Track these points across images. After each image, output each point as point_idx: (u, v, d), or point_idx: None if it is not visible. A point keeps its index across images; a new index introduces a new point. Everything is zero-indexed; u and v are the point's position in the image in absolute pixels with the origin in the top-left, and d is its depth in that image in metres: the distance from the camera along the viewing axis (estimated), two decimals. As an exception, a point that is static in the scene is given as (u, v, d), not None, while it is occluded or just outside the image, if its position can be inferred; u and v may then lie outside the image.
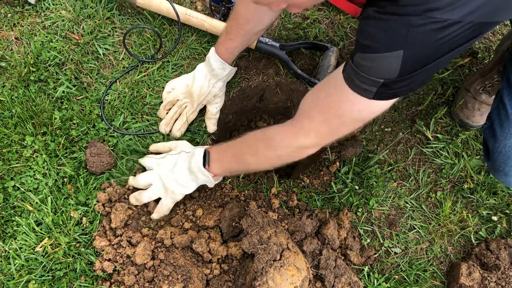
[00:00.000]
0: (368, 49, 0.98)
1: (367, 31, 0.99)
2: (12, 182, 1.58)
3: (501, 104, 1.34)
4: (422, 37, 0.89)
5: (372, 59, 0.98)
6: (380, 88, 1.01)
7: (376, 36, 0.96)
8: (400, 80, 0.98)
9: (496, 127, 1.35)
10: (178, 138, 1.69)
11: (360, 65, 1.01)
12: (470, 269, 1.57)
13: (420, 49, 0.91)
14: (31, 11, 1.85)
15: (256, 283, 1.32)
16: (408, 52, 0.92)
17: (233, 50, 1.63)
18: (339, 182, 1.72)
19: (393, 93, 1.04)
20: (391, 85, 0.99)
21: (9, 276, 1.46)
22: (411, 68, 0.96)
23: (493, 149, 1.37)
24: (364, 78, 1.01)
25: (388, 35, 0.92)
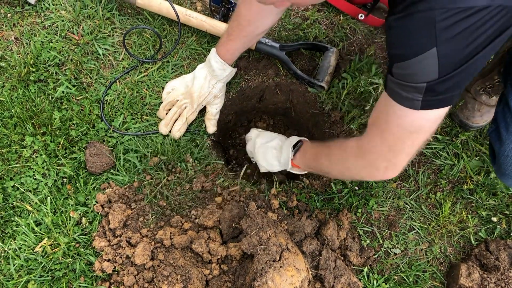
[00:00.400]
0: (402, 57, 0.97)
1: (394, 40, 0.98)
2: (12, 182, 1.58)
3: (506, 108, 1.33)
4: (450, 30, 0.86)
5: (409, 65, 0.96)
6: (426, 95, 0.98)
7: (405, 42, 0.94)
8: (442, 81, 0.94)
9: (502, 131, 1.34)
10: (177, 139, 1.69)
11: (400, 75, 1.00)
12: (469, 270, 1.57)
13: (453, 42, 0.88)
14: (31, 11, 1.85)
15: (256, 283, 1.32)
16: (441, 48, 0.89)
17: (234, 52, 1.63)
18: (338, 182, 1.71)
19: (440, 99, 1.00)
20: (435, 88, 0.96)
21: (8, 276, 1.46)
22: (449, 66, 0.93)
23: (499, 153, 1.36)
24: (408, 86, 0.99)
25: (417, 37, 0.91)
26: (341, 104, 1.80)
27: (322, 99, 1.83)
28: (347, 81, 1.80)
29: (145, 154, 1.66)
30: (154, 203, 1.61)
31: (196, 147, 1.71)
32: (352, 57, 1.89)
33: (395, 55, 0.99)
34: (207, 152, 1.71)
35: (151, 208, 1.59)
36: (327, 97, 1.82)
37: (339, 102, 1.80)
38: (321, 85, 1.79)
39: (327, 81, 1.80)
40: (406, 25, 0.91)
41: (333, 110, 1.82)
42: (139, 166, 1.64)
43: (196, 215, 1.60)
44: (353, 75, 1.82)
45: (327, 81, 1.81)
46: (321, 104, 1.84)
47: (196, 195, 1.64)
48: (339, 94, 1.80)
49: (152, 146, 1.67)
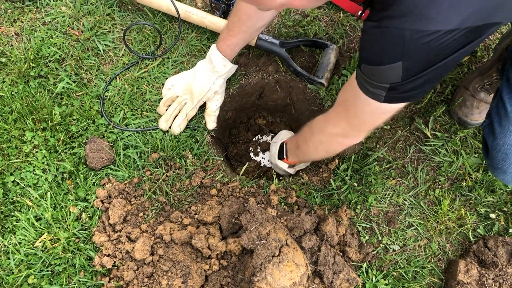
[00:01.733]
0: (370, 61, 1.03)
1: (366, 45, 1.04)
2: (12, 178, 1.58)
3: (501, 103, 1.34)
4: (418, 49, 0.91)
5: (376, 70, 1.02)
6: (389, 92, 1.05)
7: (375, 50, 1.00)
8: (405, 83, 1.00)
9: (495, 125, 1.35)
10: (177, 135, 1.69)
11: (366, 73, 1.06)
12: (468, 266, 1.58)
13: (418, 58, 0.94)
14: (31, 7, 1.85)
15: (255, 278, 1.33)
16: (406, 63, 0.95)
17: (234, 47, 1.64)
18: (338, 179, 1.72)
19: (402, 96, 1.07)
20: (399, 88, 1.03)
21: (8, 271, 1.47)
22: (413, 73, 0.98)
23: (492, 147, 1.37)
24: (372, 84, 1.07)
25: (386, 50, 0.96)
26: (341, 101, 1.80)
27: (322, 96, 1.83)
28: (347, 78, 1.80)
29: (145, 150, 1.66)
30: (154, 198, 1.61)
31: (195, 143, 1.71)
32: (351, 54, 1.89)
33: (365, 58, 1.05)
34: (207, 148, 1.71)
35: (150, 204, 1.60)
36: (327, 94, 1.83)
37: (339, 99, 1.81)
38: (321, 82, 1.80)
39: (327, 78, 1.81)
40: (379, 36, 0.96)
41: (332, 107, 1.83)
42: (138, 162, 1.64)
43: (195, 210, 1.61)
44: (352, 72, 1.82)
45: (327, 78, 1.81)
46: (321, 101, 1.84)
47: (196, 190, 1.64)
48: (339, 91, 1.80)
49: (152, 142, 1.68)
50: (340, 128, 1.34)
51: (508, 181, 1.40)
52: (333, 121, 1.37)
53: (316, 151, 1.54)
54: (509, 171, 1.36)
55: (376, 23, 0.94)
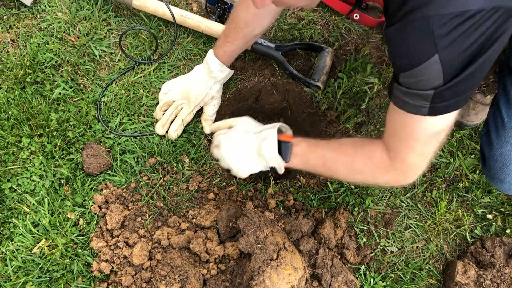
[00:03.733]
0: (405, 66, 0.99)
1: (397, 52, 1.00)
2: (9, 184, 1.58)
3: (498, 112, 1.34)
4: (448, 35, 0.88)
5: (415, 73, 0.98)
6: (433, 101, 0.99)
7: (407, 52, 0.96)
8: (448, 87, 0.96)
9: (492, 135, 1.36)
10: (174, 140, 1.70)
11: (408, 83, 1.01)
12: (465, 267, 1.58)
13: (452, 47, 0.90)
14: (27, 13, 1.85)
15: (253, 282, 1.33)
16: (443, 54, 0.91)
17: (232, 53, 1.64)
18: (335, 181, 1.72)
19: (446, 105, 1.01)
20: (442, 94, 0.98)
21: (6, 278, 1.47)
22: (453, 70, 0.94)
23: (489, 157, 1.38)
24: (415, 94, 1.01)
25: (417, 46, 0.92)
26: (337, 104, 1.81)
27: (318, 98, 1.84)
28: (342, 81, 1.81)
29: (142, 155, 1.66)
30: (151, 203, 1.61)
31: (192, 147, 1.71)
32: (347, 57, 1.90)
33: (400, 66, 1.01)
34: (204, 152, 1.72)
35: (148, 209, 1.60)
36: (323, 96, 1.83)
37: (335, 102, 1.81)
38: (317, 84, 1.80)
39: (323, 81, 1.81)
40: (405, 35, 0.93)
41: (329, 110, 1.83)
42: (136, 167, 1.64)
43: (193, 215, 1.61)
44: (348, 75, 1.83)
45: (323, 81, 1.82)
46: (317, 104, 1.85)
47: (193, 195, 1.65)
48: (335, 93, 1.81)
49: (149, 147, 1.68)
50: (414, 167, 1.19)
51: (505, 190, 1.41)
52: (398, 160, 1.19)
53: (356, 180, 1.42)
54: (506, 180, 1.37)
55: (397, 23, 0.93)
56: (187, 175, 1.66)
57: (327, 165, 1.34)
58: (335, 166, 1.32)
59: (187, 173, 1.66)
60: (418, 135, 1.11)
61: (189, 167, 1.68)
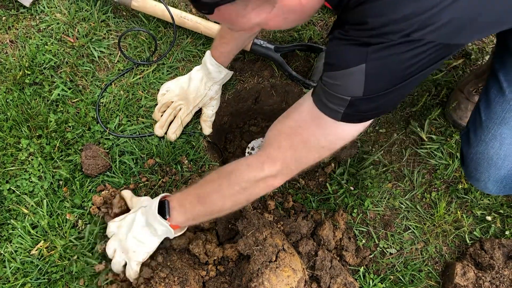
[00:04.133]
0: (333, 67, 0.98)
1: (331, 50, 1.00)
2: (8, 185, 1.58)
3: (477, 111, 1.36)
4: (383, 53, 0.89)
5: (338, 76, 0.97)
6: (348, 108, 0.99)
7: (339, 54, 0.96)
8: (366, 99, 0.96)
9: (471, 134, 1.37)
10: (173, 141, 1.69)
11: (328, 84, 1.00)
12: (464, 269, 1.58)
13: (382, 65, 0.91)
14: (26, 14, 1.85)
15: (252, 284, 1.33)
16: (369, 67, 0.91)
17: (228, 54, 1.64)
18: (334, 183, 1.72)
19: (361, 115, 1.02)
20: (359, 105, 0.98)
21: (4, 280, 1.46)
22: (375, 86, 0.95)
23: (466, 155, 1.39)
24: (332, 96, 0.99)
25: (350, 52, 0.93)
26: (336, 105, 1.81)
27: (317, 100, 1.83)
28: (342, 82, 1.81)
29: (141, 156, 1.66)
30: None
31: (191, 148, 1.71)
32: (346, 58, 1.89)
33: (330, 64, 1.00)
34: (203, 153, 1.71)
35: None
36: (322, 98, 1.83)
37: (334, 103, 1.81)
38: (316, 86, 1.80)
39: (322, 82, 1.81)
40: (347, 40, 0.93)
41: (328, 111, 1.83)
42: (134, 168, 1.64)
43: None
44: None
45: (322, 82, 1.81)
46: (316, 105, 1.85)
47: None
48: (334, 95, 1.81)
49: (148, 148, 1.68)
50: (277, 166, 1.16)
51: (482, 188, 1.41)
52: (267, 161, 1.16)
53: (235, 201, 1.26)
54: (481, 179, 1.38)
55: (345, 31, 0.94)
56: (186, 177, 1.66)
57: (203, 202, 1.29)
58: (209, 198, 1.28)
59: (186, 174, 1.66)
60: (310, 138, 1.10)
61: (188, 168, 1.68)
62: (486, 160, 1.33)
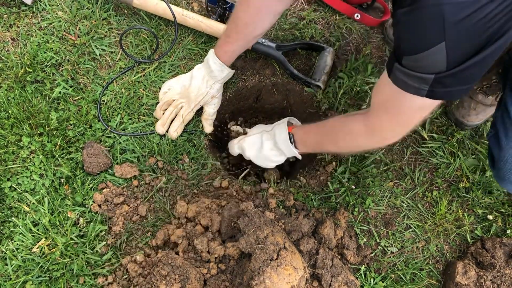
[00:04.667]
0: (411, 50, 0.98)
1: (403, 34, 1.00)
2: (9, 183, 1.58)
3: (506, 113, 1.34)
4: (459, 24, 0.87)
5: (419, 58, 0.98)
6: (432, 86, 1.01)
7: (414, 36, 0.96)
8: (450, 74, 0.96)
9: (501, 136, 1.35)
10: (174, 139, 1.69)
11: (409, 65, 1.02)
12: (466, 268, 1.58)
13: (461, 36, 0.89)
14: (27, 12, 1.85)
15: (253, 282, 1.32)
16: (450, 43, 0.90)
17: (232, 53, 1.64)
18: (335, 181, 1.72)
19: (446, 91, 1.03)
20: (443, 81, 0.99)
21: (6, 277, 1.46)
22: (458, 59, 0.94)
23: (498, 158, 1.37)
24: (415, 77, 1.01)
25: (426, 32, 0.91)
26: (338, 104, 1.81)
27: (318, 98, 1.83)
28: (343, 81, 1.81)
29: (142, 154, 1.66)
30: (152, 203, 1.61)
31: (193, 147, 1.71)
32: (348, 57, 1.89)
33: (405, 49, 1.00)
34: (204, 152, 1.71)
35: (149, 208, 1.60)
36: (324, 96, 1.83)
37: (336, 102, 1.81)
38: (317, 84, 1.80)
39: (323, 81, 1.81)
40: (415, 19, 0.92)
41: (329, 110, 1.83)
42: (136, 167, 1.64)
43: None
44: (349, 75, 1.82)
45: (324, 81, 1.81)
46: (318, 104, 1.85)
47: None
48: (336, 93, 1.81)
49: (149, 146, 1.68)
50: (384, 134, 1.30)
51: None
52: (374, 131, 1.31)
53: (350, 151, 1.63)
54: None
55: (410, 7, 0.92)
56: (188, 175, 1.66)
57: (321, 146, 1.56)
58: (326, 146, 1.54)
59: (187, 172, 1.66)
60: (405, 110, 1.16)
61: (189, 166, 1.68)
62: None
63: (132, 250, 1.53)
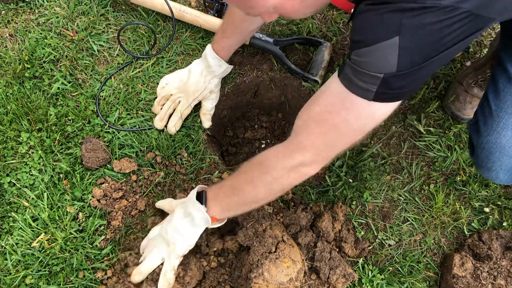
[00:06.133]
0: (363, 43, 0.93)
1: (359, 26, 0.95)
2: (8, 178, 1.58)
3: (486, 102, 1.36)
4: (417, 23, 0.85)
5: (369, 52, 0.93)
6: (381, 87, 0.94)
7: (369, 28, 0.92)
8: (400, 75, 0.92)
9: (480, 124, 1.37)
10: (173, 134, 1.70)
11: (357, 61, 0.95)
12: (462, 260, 1.59)
13: (416, 36, 0.87)
14: (25, 8, 1.85)
15: (252, 275, 1.34)
16: (404, 39, 0.87)
17: (229, 48, 1.65)
18: (333, 175, 1.73)
19: (395, 94, 0.97)
20: (392, 82, 0.93)
21: (5, 272, 1.47)
22: (409, 60, 0.91)
23: (476, 145, 1.40)
24: (363, 74, 0.95)
25: (382, 24, 0.89)
26: (335, 98, 1.82)
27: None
28: (340, 75, 1.81)
29: (141, 149, 1.67)
30: (151, 197, 1.62)
31: (191, 141, 1.72)
32: (345, 51, 1.90)
33: (359, 41, 0.95)
34: (202, 146, 1.72)
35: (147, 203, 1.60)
36: (321, 91, 1.84)
37: (333, 96, 1.82)
38: (315, 79, 1.81)
39: (321, 75, 1.82)
40: (376, 11, 0.89)
41: (327, 104, 1.84)
42: (134, 162, 1.65)
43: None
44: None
45: (321, 75, 1.82)
46: (315, 98, 1.85)
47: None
48: (333, 88, 1.81)
49: (148, 141, 1.68)
50: (309, 154, 1.12)
51: (493, 178, 1.42)
52: (298, 149, 1.13)
53: (268, 191, 1.23)
54: (493, 168, 1.38)
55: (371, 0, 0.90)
56: (186, 169, 1.67)
57: (237, 192, 1.28)
58: (241, 189, 1.27)
59: (185, 167, 1.67)
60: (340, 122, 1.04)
61: (188, 161, 1.68)
62: (498, 149, 1.33)
63: (131, 244, 1.53)
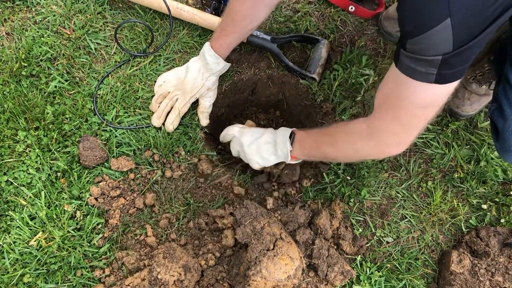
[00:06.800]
0: (415, 31, 0.96)
1: (407, 16, 0.98)
2: (5, 177, 1.58)
3: (508, 85, 1.35)
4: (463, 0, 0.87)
5: (423, 39, 0.96)
6: (440, 68, 0.98)
7: (418, 16, 0.94)
8: (457, 53, 0.95)
9: (505, 107, 1.36)
10: (171, 132, 1.70)
11: (414, 50, 1.00)
12: (460, 257, 1.59)
13: (466, 13, 0.89)
14: (21, 6, 1.85)
15: (250, 272, 1.34)
16: (455, 19, 0.89)
17: (228, 46, 1.64)
18: (331, 173, 1.73)
19: (454, 72, 1.01)
20: (450, 61, 0.97)
21: (3, 270, 1.47)
22: (464, 36, 0.93)
23: (503, 129, 1.38)
24: (422, 60, 0.99)
25: (430, 9, 0.91)
26: (333, 96, 1.82)
27: (314, 90, 1.84)
28: (338, 73, 1.81)
29: (139, 148, 1.67)
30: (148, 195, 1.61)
31: (188, 139, 1.71)
32: (343, 49, 1.90)
33: (408, 31, 0.98)
34: (200, 144, 1.72)
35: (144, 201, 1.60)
36: (319, 88, 1.84)
37: (331, 94, 1.82)
38: (312, 77, 1.81)
39: (318, 73, 1.82)
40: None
41: (324, 102, 1.84)
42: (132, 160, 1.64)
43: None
44: (344, 67, 1.83)
45: (319, 73, 1.82)
46: (313, 96, 1.85)
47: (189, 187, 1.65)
48: (331, 85, 1.82)
49: (145, 140, 1.68)
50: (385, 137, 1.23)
51: None
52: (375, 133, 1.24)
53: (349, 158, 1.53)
54: None
55: None
56: (184, 168, 1.66)
57: (319, 149, 1.46)
58: (324, 148, 1.44)
59: (183, 165, 1.67)
60: (407, 107, 1.12)
61: (185, 159, 1.68)
62: None
63: (129, 242, 1.53)
